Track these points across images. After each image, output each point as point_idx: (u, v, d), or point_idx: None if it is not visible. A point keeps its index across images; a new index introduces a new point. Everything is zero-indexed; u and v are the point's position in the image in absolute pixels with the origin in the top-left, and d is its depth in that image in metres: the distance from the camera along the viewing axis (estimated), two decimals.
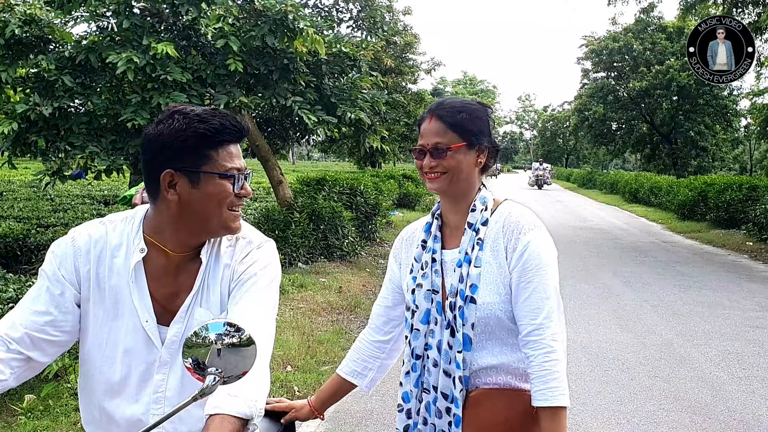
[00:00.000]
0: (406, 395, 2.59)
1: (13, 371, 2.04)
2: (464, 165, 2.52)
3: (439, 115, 2.53)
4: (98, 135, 10.30)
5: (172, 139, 2.05)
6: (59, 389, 6.30)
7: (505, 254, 2.46)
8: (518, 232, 2.46)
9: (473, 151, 2.53)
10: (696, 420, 6.14)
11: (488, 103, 2.79)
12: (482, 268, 2.46)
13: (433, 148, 2.51)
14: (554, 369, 2.31)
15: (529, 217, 2.53)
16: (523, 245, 2.44)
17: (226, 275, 2.17)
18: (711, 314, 10.21)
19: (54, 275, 2.13)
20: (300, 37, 10.64)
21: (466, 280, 2.46)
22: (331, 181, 16.23)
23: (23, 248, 11.70)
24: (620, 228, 23.57)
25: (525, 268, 2.42)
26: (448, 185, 2.54)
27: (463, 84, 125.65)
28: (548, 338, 2.35)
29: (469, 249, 2.50)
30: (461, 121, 2.51)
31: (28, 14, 10.21)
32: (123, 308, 2.13)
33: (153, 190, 2.11)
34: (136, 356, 2.13)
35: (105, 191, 23.16)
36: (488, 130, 2.58)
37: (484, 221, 2.53)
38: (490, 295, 2.43)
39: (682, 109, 47.60)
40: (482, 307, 2.43)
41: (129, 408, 2.13)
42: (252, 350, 1.71)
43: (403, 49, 33.85)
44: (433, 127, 2.52)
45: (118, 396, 2.15)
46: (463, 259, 2.50)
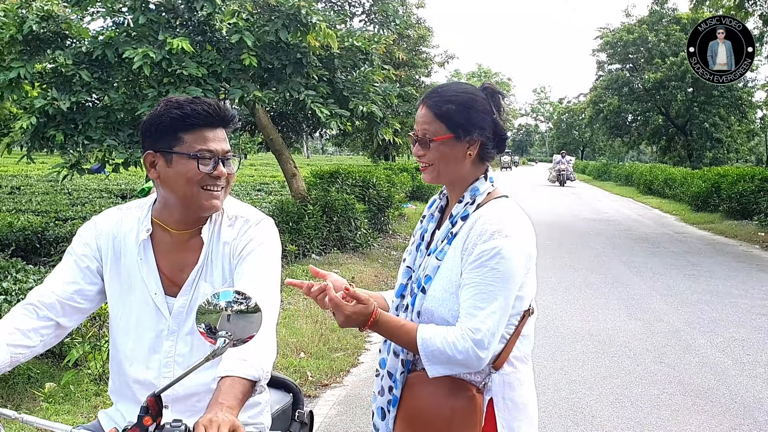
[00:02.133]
0: (383, 361, 2.62)
1: (43, 339, 2.30)
2: (450, 157, 2.49)
3: (429, 103, 2.50)
4: (115, 129, 10.48)
5: (152, 123, 2.34)
6: (79, 376, 6.49)
7: (461, 256, 2.41)
8: (479, 239, 2.38)
9: (462, 143, 2.48)
10: (698, 403, 6.30)
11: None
12: (443, 262, 2.46)
13: (420, 136, 2.51)
14: (441, 349, 2.32)
15: (504, 222, 2.40)
16: (479, 253, 2.37)
17: (226, 252, 2.39)
18: (719, 302, 10.32)
19: (81, 251, 2.42)
20: (313, 31, 10.79)
21: (426, 269, 2.50)
22: (344, 174, 16.39)
23: (42, 241, 11.91)
24: (634, 219, 23.62)
25: (476, 272, 2.35)
26: (436, 177, 2.53)
27: (478, 77, 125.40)
28: (461, 328, 2.33)
29: (441, 239, 2.51)
30: (448, 112, 2.46)
31: (45, 10, 10.37)
32: (135, 283, 2.39)
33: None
34: (147, 326, 2.37)
35: (122, 185, 23.39)
36: (486, 120, 2.50)
37: (465, 215, 2.49)
38: (439, 290, 2.43)
39: (697, 101, 47.45)
40: (429, 299, 2.45)
41: (142, 373, 2.37)
42: (258, 316, 1.88)
43: (416, 42, 33.89)
44: (423, 115, 2.50)
45: (134, 362, 2.39)
46: (433, 248, 2.53)
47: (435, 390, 2.44)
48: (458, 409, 2.41)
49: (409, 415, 2.49)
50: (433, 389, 2.44)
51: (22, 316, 2.30)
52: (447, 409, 2.42)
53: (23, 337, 2.26)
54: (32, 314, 2.31)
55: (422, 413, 2.46)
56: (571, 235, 18.57)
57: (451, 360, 2.32)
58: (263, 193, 22.71)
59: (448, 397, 2.42)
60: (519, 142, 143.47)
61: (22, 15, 10.34)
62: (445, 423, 2.42)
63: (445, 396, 2.43)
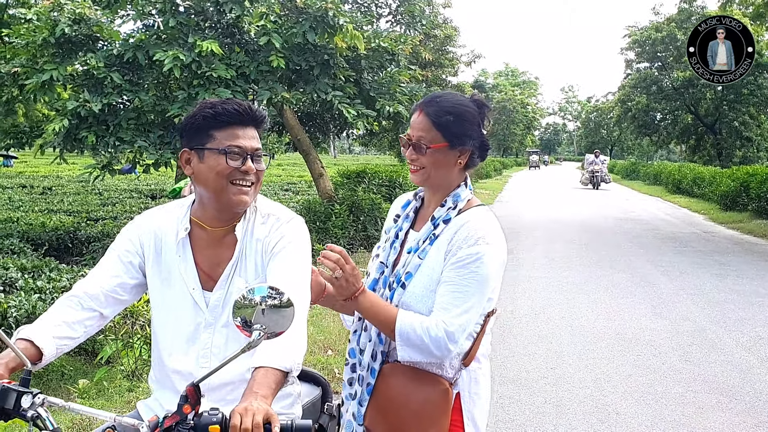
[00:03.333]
0: (352, 351, 2.80)
1: (86, 329, 2.45)
2: (442, 164, 2.66)
3: (427, 111, 2.65)
4: (146, 130, 10.67)
5: (187, 123, 2.51)
6: (112, 372, 6.63)
7: (444, 257, 2.59)
8: (465, 243, 2.56)
9: (454, 152, 2.66)
10: (722, 401, 6.32)
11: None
12: (424, 261, 2.63)
13: (415, 141, 2.66)
14: (416, 335, 2.49)
15: (487, 231, 2.60)
16: (462, 256, 2.55)
17: (259, 248, 2.52)
18: (746, 302, 10.30)
19: (124, 247, 2.57)
20: (340, 33, 10.91)
21: (407, 266, 2.66)
22: (370, 173, 16.52)
23: (74, 240, 12.14)
24: (661, 219, 23.52)
25: (457, 273, 2.54)
26: (425, 180, 2.70)
27: (505, 75, 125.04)
28: (437, 320, 2.50)
29: (422, 240, 2.68)
30: (446, 123, 2.62)
31: (77, 13, 10.56)
32: (174, 278, 2.53)
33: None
34: (185, 319, 2.51)
35: (151, 185, 23.67)
36: (476, 131, 2.68)
37: (447, 219, 2.66)
38: (419, 288, 2.60)
39: (726, 99, 47.12)
40: (408, 295, 2.61)
41: (181, 363, 2.50)
42: (291, 311, 1.98)
43: (443, 42, 33.98)
44: (420, 122, 2.66)
45: (173, 353, 2.53)
46: (414, 247, 2.69)
47: (409, 382, 2.63)
48: (430, 400, 2.60)
49: (381, 404, 2.65)
50: (407, 381, 2.63)
51: (68, 308, 2.43)
52: (419, 400, 2.60)
53: (68, 328, 2.39)
54: (77, 306, 2.44)
55: (395, 402, 2.63)
56: (598, 235, 18.56)
57: (423, 346, 2.49)
58: (291, 193, 22.90)
59: (421, 389, 2.61)
60: (546, 141, 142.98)
61: (54, 18, 10.55)
62: (415, 413, 2.60)
63: (418, 388, 2.61)
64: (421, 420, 2.59)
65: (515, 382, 6.84)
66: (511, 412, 6.07)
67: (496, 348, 7.97)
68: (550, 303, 10.18)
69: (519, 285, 11.47)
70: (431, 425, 2.59)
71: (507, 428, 5.74)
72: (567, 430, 5.69)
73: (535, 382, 6.84)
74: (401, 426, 2.62)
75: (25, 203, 17.50)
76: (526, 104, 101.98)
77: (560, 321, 9.15)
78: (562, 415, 5.99)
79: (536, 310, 9.73)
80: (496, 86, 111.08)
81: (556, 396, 6.44)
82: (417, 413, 2.60)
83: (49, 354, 2.29)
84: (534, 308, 9.87)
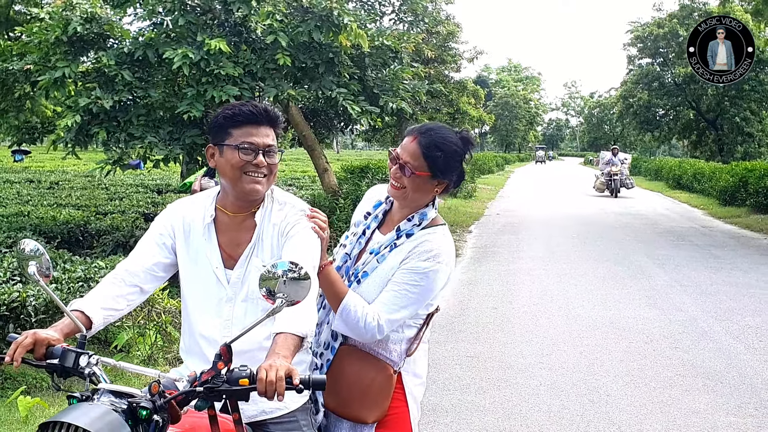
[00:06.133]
0: (319, 326, 3.13)
1: (129, 303, 2.85)
2: (421, 188, 3.01)
3: (420, 141, 2.98)
4: (156, 126, 10.93)
5: (212, 122, 2.91)
6: (127, 359, 6.94)
7: (399, 263, 2.98)
8: (420, 257, 2.95)
9: (434, 181, 3.01)
10: (708, 384, 6.68)
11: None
12: (380, 266, 3.01)
13: (402, 163, 2.99)
14: (355, 316, 2.89)
15: (441, 250, 2.98)
16: (415, 266, 2.94)
17: (275, 232, 2.89)
18: (738, 293, 10.63)
19: (158, 230, 2.97)
20: (344, 31, 11.18)
21: (365, 265, 3.06)
22: (374, 168, 16.82)
23: (84, 234, 12.42)
24: (661, 213, 23.80)
25: (405, 278, 2.94)
26: (401, 198, 3.06)
27: (508, 71, 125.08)
28: (375, 311, 2.90)
29: (384, 245, 3.05)
30: (434, 157, 2.96)
31: (88, 12, 10.81)
32: (200, 258, 2.91)
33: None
34: (210, 293, 2.88)
35: (157, 180, 23.93)
36: (457, 167, 3.04)
37: (410, 233, 3.03)
38: (372, 287, 3.00)
39: (728, 95, 47.35)
40: (361, 290, 3.00)
41: (207, 332, 2.87)
42: (308, 283, 2.33)
43: (445, 39, 34.14)
44: (412, 148, 2.99)
45: (200, 323, 2.90)
46: (375, 249, 3.07)
47: (361, 364, 3.02)
48: (376, 383, 3.00)
49: (335, 378, 3.00)
50: (360, 362, 3.03)
51: (112, 285, 2.82)
52: (367, 380, 3.00)
53: (114, 302, 2.78)
54: (121, 283, 2.83)
55: (346, 379, 3.01)
56: (598, 229, 18.85)
57: (355, 326, 2.91)
58: (294, 188, 23.14)
59: (370, 372, 3.01)
60: (549, 136, 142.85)
61: (66, 17, 10.79)
62: (362, 391, 3.00)
63: (368, 370, 3.01)
64: (366, 398, 2.99)
65: (512, 367, 7.17)
66: (507, 393, 6.41)
67: (494, 336, 8.33)
68: (548, 294, 10.51)
69: (518, 277, 11.81)
70: (374, 404, 3.00)
71: (502, 409, 6.08)
72: (559, 410, 6.03)
73: (531, 367, 7.18)
74: (349, 400, 3.00)
75: (33, 197, 17.72)
76: (529, 100, 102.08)
77: (557, 311, 9.47)
78: (555, 397, 6.33)
79: (534, 301, 10.06)
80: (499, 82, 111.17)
81: (551, 379, 6.78)
82: (364, 392, 2.99)
83: (98, 323, 2.69)
84: (532, 299, 10.20)
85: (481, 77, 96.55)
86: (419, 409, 3.15)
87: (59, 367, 2.45)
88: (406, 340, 3.05)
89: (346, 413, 3.01)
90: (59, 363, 2.45)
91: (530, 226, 19.27)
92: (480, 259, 13.76)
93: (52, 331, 2.54)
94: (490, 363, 7.33)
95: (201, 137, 10.59)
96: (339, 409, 3.03)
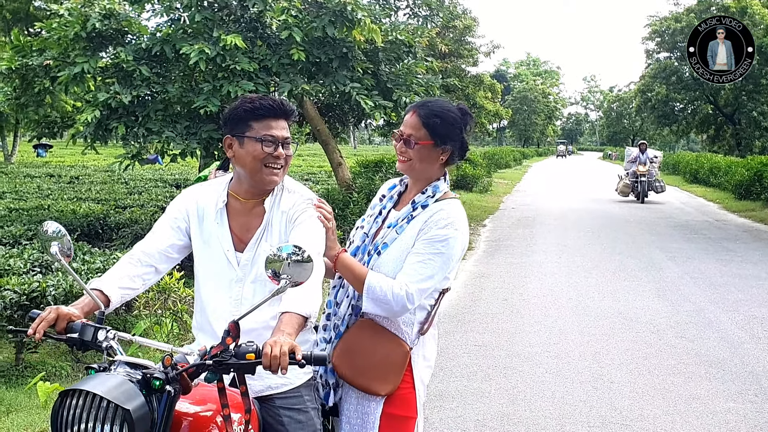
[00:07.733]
0: (329, 302, 3.32)
1: (144, 282, 3.05)
2: (426, 158, 3.17)
3: (419, 113, 3.17)
4: (173, 121, 11.13)
5: (230, 114, 3.03)
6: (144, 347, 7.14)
7: (417, 233, 3.12)
8: (437, 225, 3.09)
9: (438, 149, 3.16)
10: (711, 371, 6.83)
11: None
12: (400, 236, 3.16)
13: (406, 137, 3.18)
14: (381, 291, 3.00)
15: (456, 219, 3.13)
16: (433, 235, 3.08)
17: (284, 219, 3.06)
18: (745, 285, 10.73)
19: (173, 214, 3.15)
20: (358, 27, 11.32)
21: (384, 238, 3.20)
22: (388, 163, 16.97)
23: (104, 227, 12.64)
24: (676, 207, 23.79)
25: (426, 247, 3.07)
26: (410, 170, 3.23)
27: (526, 65, 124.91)
28: (402, 282, 3.02)
29: (401, 218, 3.20)
30: (433, 124, 3.13)
31: (107, 9, 11.02)
32: (212, 241, 3.09)
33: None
34: (221, 274, 3.06)
35: (176, 175, 24.19)
36: (458, 134, 3.19)
37: (425, 204, 3.17)
38: (392, 257, 3.13)
39: (745, 90, 47.04)
40: (382, 261, 3.14)
41: (218, 309, 3.05)
42: (311, 265, 2.51)
43: (461, 33, 34.19)
44: (412, 121, 3.17)
45: (211, 302, 3.08)
46: (393, 223, 3.22)
47: (379, 337, 3.15)
48: (392, 357, 3.13)
49: (350, 347, 3.17)
50: (376, 335, 3.16)
51: (129, 265, 3.02)
52: (383, 353, 3.13)
53: (130, 281, 2.98)
54: (137, 263, 3.02)
55: (362, 349, 3.14)
56: (611, 223, 18.92)
57: (384, 301, 3.01)
58: (310, 182, 23.33)
59: (387, 344, 3.14)
60: (569, 131, 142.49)
61: (85, 13, 11.00)
62: (376, 363, 3.13)
63: (384, 343, 3.14)
64: (380, 370, 3.12)
65: (519, 355, 7.33)
66: (512, 380, 6.58)
67: (503, 326, 8.49)
68: (558, 285, 10.65)
69: (530, 270, 11.95)
70: (386, 377, 3.12)
71: (507, 395, 6.24)
72: (563, 396, 6.19)
73: (538, 355, 7.33)
74: (364, 370, 3.14)
75: (54, 192, 18.01)
76: (548, 94, 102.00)
77: (566, 302, 9.61)
78: (560, 384, 6.48)
79: (544, 292, 10.21)
80: (518, 76, 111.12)
81: (556, 367, 6.94)
82: (378, 364, 3.12)
83: (115, 300, 2.90)
84: (542, 290, 10.35)
85: (500, 71, 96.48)
86: (425, 391, 3.29)
87: (79, 340, 2.67)
88: (417, 323, 3.18)
89: (359, 383, 3.14)
90: (79, 337, 2.67)
91: (545, 220, 19.37)
92: (493, 252, 13.90)
93: (73, 308, 2.75)
94: (497, 351, 7.49)
95: (217, 132, 10.78)
96: (353, 378, 3.15)
